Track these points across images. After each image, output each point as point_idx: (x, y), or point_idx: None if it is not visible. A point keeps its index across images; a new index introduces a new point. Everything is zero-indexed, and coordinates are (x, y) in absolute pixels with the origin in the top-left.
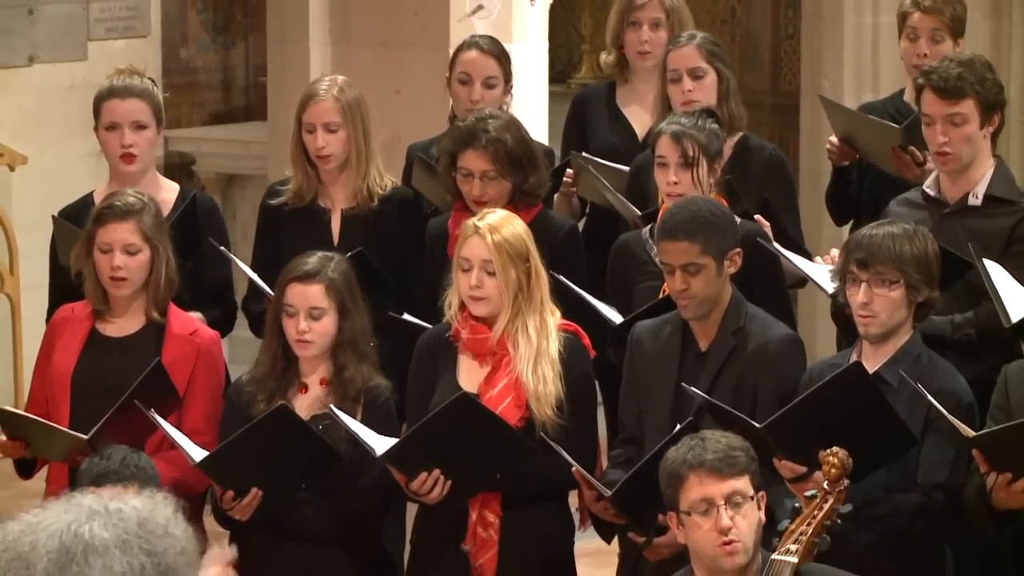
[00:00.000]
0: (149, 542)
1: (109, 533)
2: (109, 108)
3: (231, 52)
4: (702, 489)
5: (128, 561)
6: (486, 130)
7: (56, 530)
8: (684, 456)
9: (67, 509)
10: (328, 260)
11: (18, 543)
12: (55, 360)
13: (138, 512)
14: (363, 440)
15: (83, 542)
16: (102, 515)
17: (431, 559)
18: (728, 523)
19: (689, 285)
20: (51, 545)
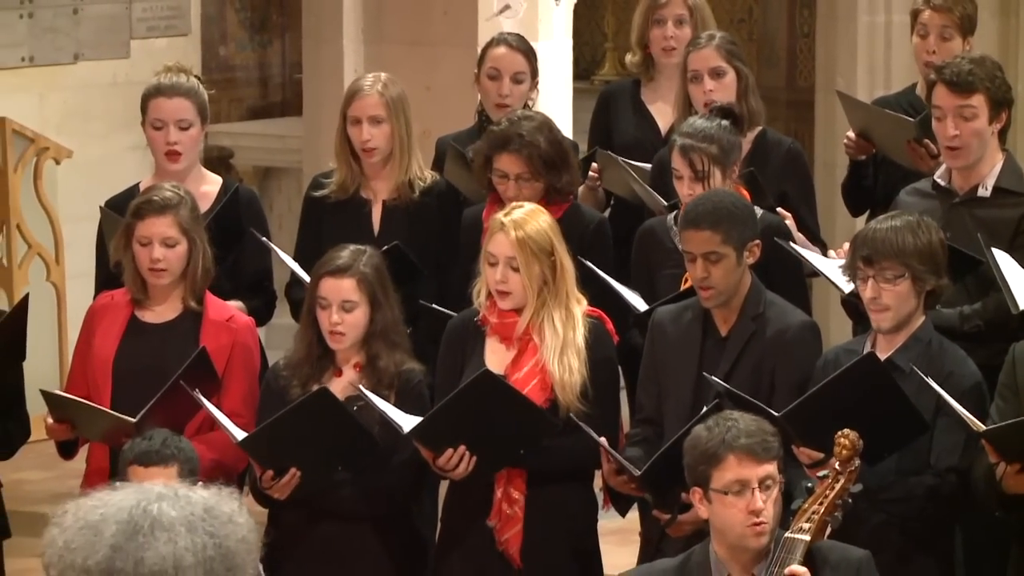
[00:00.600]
0: (213, 526)
1: (176, 512)
2: (156, 106)
3: (268, 50)
4: (739, 471)
5: (192, 539)
6: (520, 134)
7: (126, 505)
8: (722, 436)
9: (138, 490)
10: (360, 254)
11: (90, 514)
12: (96, 346)
13: (205, 500)
14: (391, 418)
15: (151, 517)
16: (171, 498)
17: (458, 535)
18: (761, 505)
19: (710, 274)
20: (120, 517)
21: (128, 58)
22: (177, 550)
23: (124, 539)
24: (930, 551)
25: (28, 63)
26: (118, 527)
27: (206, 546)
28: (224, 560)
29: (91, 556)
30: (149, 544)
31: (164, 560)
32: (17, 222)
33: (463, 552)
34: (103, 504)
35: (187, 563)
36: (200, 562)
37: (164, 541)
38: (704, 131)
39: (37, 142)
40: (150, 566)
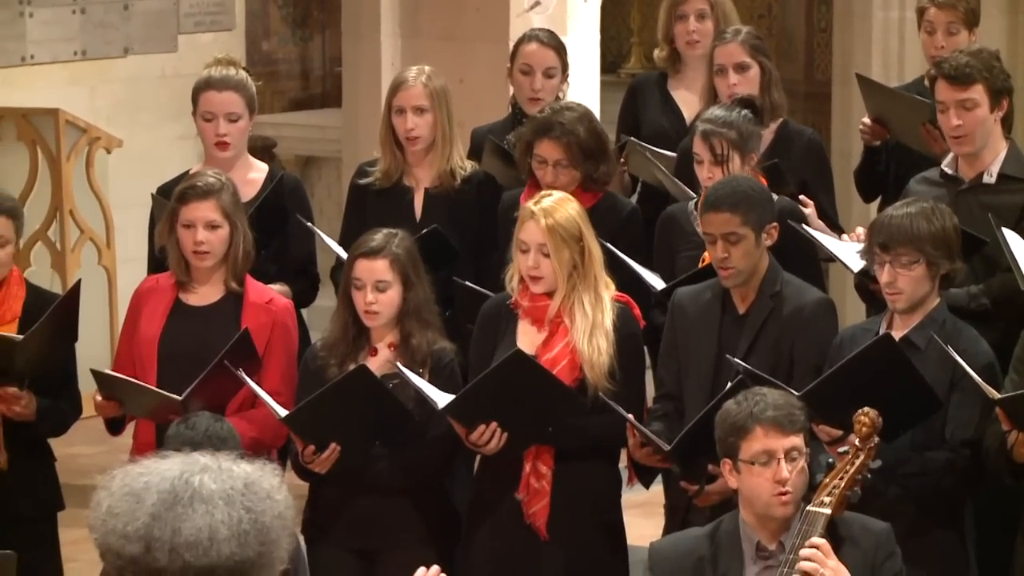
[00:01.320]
0: (251, 500)
1: (217, 485)
2: (206, 99)
3: (309, 45)
4: (766, 442)
5: (229, 512)
6: (561, 122)
7: (170, 475)
8: (750, 409)
9: (183, 460)
10: (392, 236)
11: (135, 481)
12: (142, 327)
13: (247, 475)
14: (426, 395)
15: (192, 488)
16: (214, 470)
17: (488, 508)
18: (787, 475)
19: (729, 254)
20: (162, 487)
21: (175, 52)
22: (213, 522)
23: (164, 508)
24: (944, 524)
25: (80, 57)
26: (159, 496)
27: (242, 520)
28: (259, 535)
29: (131, 523)
30: (187, 515)
31: (200, 531)
32: (70, 208)
33: (492, 524)
34: (149, 472)
35: (221, 536)
36: (234, 535)
37: (201, 513)
38: (724, 118)
39: (89, 132)
40: (186, 536)
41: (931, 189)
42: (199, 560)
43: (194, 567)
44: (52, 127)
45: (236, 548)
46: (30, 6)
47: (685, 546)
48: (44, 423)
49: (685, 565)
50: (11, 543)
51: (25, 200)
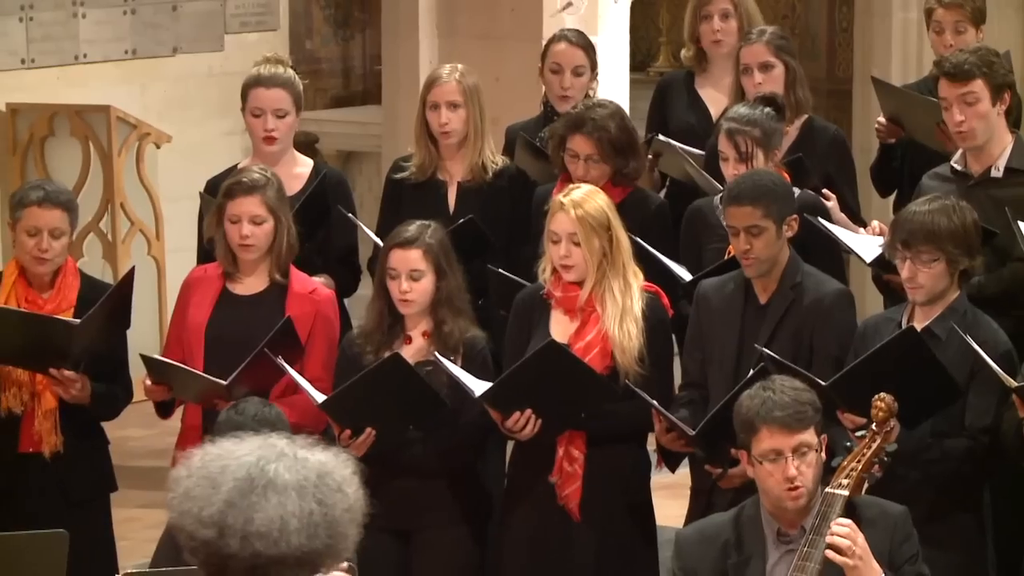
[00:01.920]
0: (323, 492)
1: (291, 476)
2: (255, 95)
3: (350, 44)
4: (772, 442)
5: (300, 504)
6: (593, 118)
7: (247, 462)
8: (757, 409)
9: (261, 446)
10: (425, 228)
11: (212, 465)
12: (190, 315)
13: (320, 464)
14: (464, 383)
15: (267, 478)
16: (289, 458)
17: (523, 490)
18: (794, 473)
19: (752, 246)
20: (239, 474)
21: (222, 51)
22: (285, 514)
23: (238, 496)
24: (963, 507)
25: (131, 56)
26: (235, 484)
27: (312, 512)
28: (328, 527)
29: (206, 508)
30: (260, 505)
31: (271, 522)
32: (121, 201)
33: (527, 506)
34: (227, 456)
35: (292, 527)
36: (304, 527)
37: (274, 504)
38: (748, 116)
39: (139, 128)
40: (258, 526)
41: (942, 184)
42: (268, 550)
43: (264, 556)
44: (104, 123)
45: (305, 540)
46: (83, 7)
47: (710, 532)
48: (98, 407)
49: (711, 550)
50: (65, 523)
51: (78, 193)
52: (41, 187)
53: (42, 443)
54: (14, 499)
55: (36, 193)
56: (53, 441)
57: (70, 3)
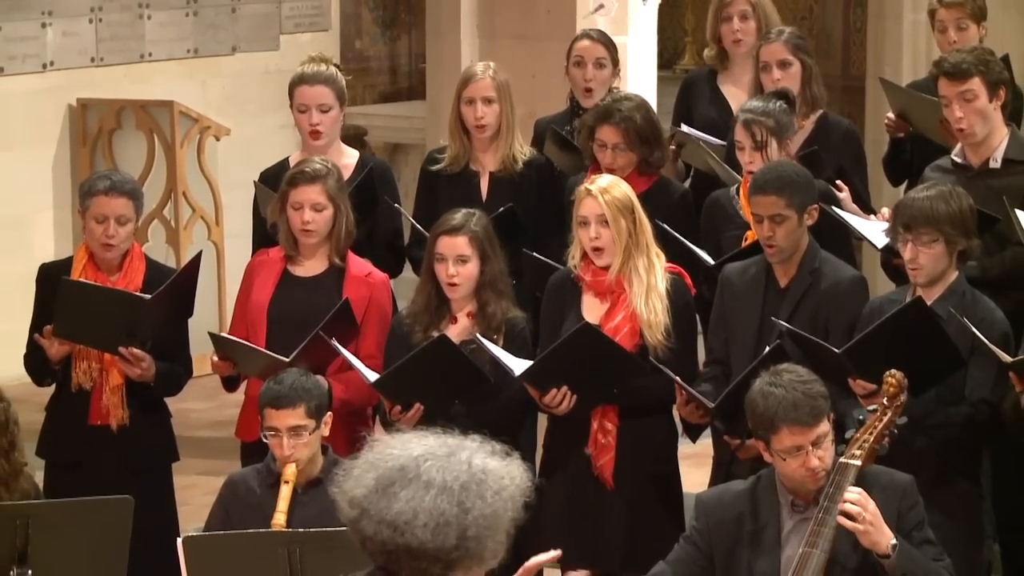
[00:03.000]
0: (465, 497)
1: (440, 476)
2: (300, 92)
3: (397, 43)
4: (793, 440)
5: (436, 503)
6: (620, 109)
7: (411, 455)
8: (775, 409)
9: (439, 444)
10: (471, 216)
11: (381, 452)
12: (254, 295)
13: (483, 473)
14: (504, 363)
15: (416, 472)
16: (454, 461)
17: (560, 461)
18: (816, 463)
19: (774, 233)
20: (395, 464)
21: (278, 50)
22: (417, 508)
23: (385, 484)
24: (964, 473)
25: (193, 55)
26: (388, 472)
27: (444, 512)
28: (459, 529)
29: (356, 490)
30: (398, 496)
31: (400, 514)
32: (183, 190)
33: (564, 475)
34: (400, 446)
35: (418, 523)
36: (431, 525)
37: (408, 498)
38: (762, 108)
39: (200, 122)
40: (390, 515)
41: (943, 176)
42: (393, 540)
43: (390, 543)
44: (168, 117)
45: (430, 536)
46: (148, 9)
47: (728, 500)
48: (161, 385)
49: (727, 517)
50: (131, 490)
51: (143, 183)
52: (108, 177)
53: (110, 416)
54: (84, 469)
55: (103, 183)
56: (120, 414)
57: (136, 5)
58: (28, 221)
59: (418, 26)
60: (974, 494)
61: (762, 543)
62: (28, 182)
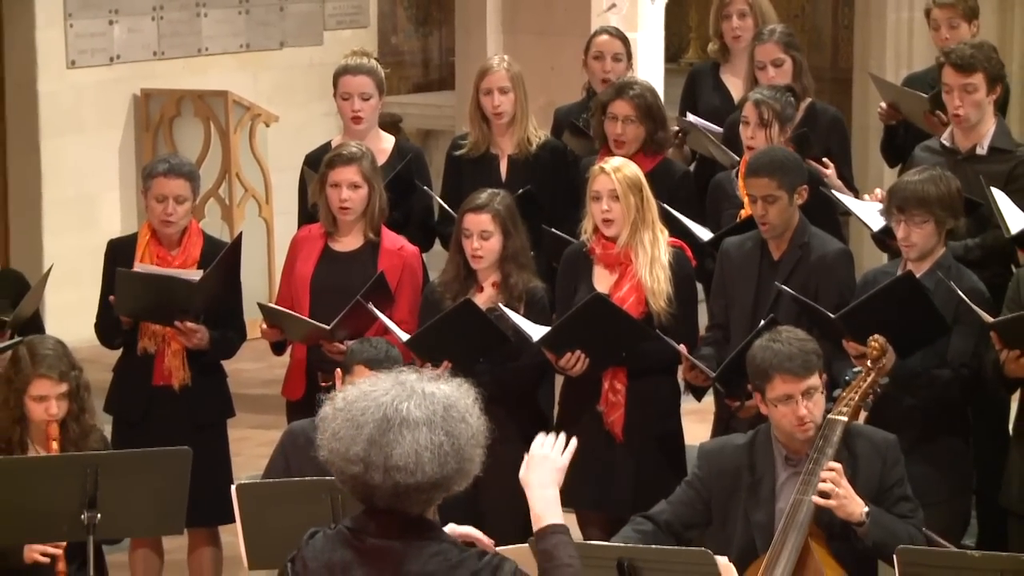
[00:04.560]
0: (450, 424)
1: (421, 412)
2: (344, 82)
3: (429, 39)
4: (785, 388)
5: (431, 437)
6: (632, 87)
7: (383, 403)
8: (770, 360)
9: (394, 385)
10: (495, 195)
11: (353, 408)
12: (297, 269)
13: (446, 398)
14: (523, 330)
15: (401, 416)
16: (419, 396)
17: (573, 417)
18: (804, 412)
19: (767, 212)
20: (376, 415)
21: (321, 45)
22: (419, 448)
23: (378, 435)
24: (948, 429)
25: (245, 49)
26: (375, 424)
27: (442, 443)
28: (455, 455)
29: (352, 447)
30: (397, 442)
31: (407, 456)
32: (236, 172)
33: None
34: (366, 398)
35: (425, 459)
36: (435, 457)
37: (409, 440)
38: (773, 94)
39: (252, 110)
40: (396, 459)
41: (932, 157)
42: (407, 480)
43: (403, 485)
44: (222, 106)
45: (437, 468)
46: (205, 7)
47: (728, 452)
48: (216, 350)
49: (726, 467)
50: (190, 443)
51: (200, 165)
52: (167, 160)
53: (172, 377)
54: (148, 424)
55: (162, 165)
56: (181, 375)
57: (194, 4)
58: (97, 199)
59: (448, 23)
60: (959, 448)
61: (759, 495)
62: (97, 164)
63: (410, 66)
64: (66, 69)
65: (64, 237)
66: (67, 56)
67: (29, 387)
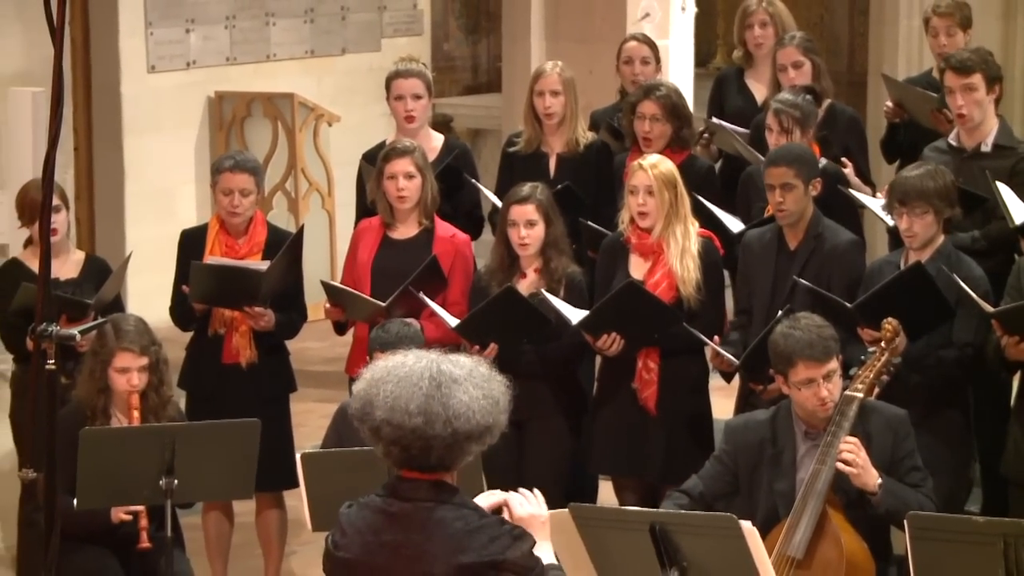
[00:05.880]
0: (484, 382)
1: (459, 372)
2: (396, 85)
3: (478, 45)
4: (807, 373)
5: (472, 393)
6: (659, 88)
7: (424, 367)
8: (792, 347)
9: (420, 357)
10: (536, 187)
11: (399, 371)
12: (359, 255)
13: (470, 363)
14: (563, 314)
15: (446, 375)
16: (448, 362)
17: (610, 393)
18: (825, 394)
19: (784, 199)
20: (426, 375)
21: (379, 51)
22: (470, 399)
23: (434, 389)
24: (951, 404)
25: (310, 55)
26: (429, 381)
27: (485, 396)
28: (494, 406)
29: (412, 402)
30: (452, 393)
31: (463, 404)
32: (301, 167)
33: (613, 406)
34: (404, 366)
35: (477, 407)
36: (483, 407)
37: (460, 392)
38: (792, 100)
39: (315, 110)
40: (454, 408)
41: (940, 156)
42: (464, 427)
43: (460, 432)
44: (289, 107)
45: (484, 417)
46: (274, 17)
47: (752, 427)
48: (281, 332)
49: (751, 441)
50: (258, 415)
51: (268, 161)
52: (233, 157)
53: (240, 356)
54: (218, 399)
55: (228, 161)
56: (248, 354)
57: (264, 14)
58: (174, 192)
59: (495, 31)
60: (961, 423)
61: (780, 465)
62: (174, 160)
63: (461, 70)
64: (147, 74)
65: (144, 227)
66: (147, 62)
67: (113, 359)
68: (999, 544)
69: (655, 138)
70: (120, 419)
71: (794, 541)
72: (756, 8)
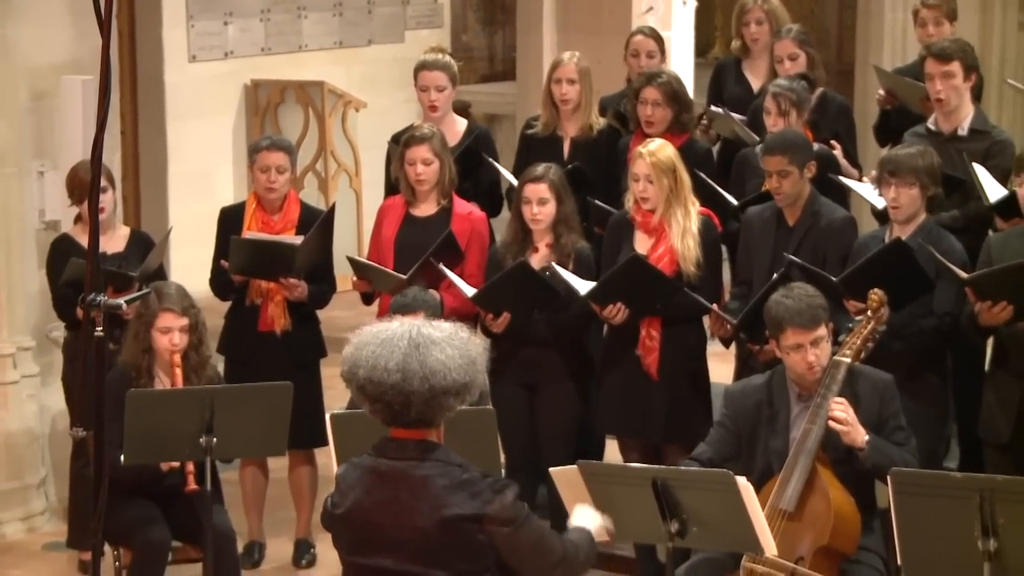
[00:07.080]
0: (462, 343)
1: (439, 334)
2: (422, 76)
3: (494, 37)
4: (796, 338)
5: (448, 353)
6: (660, 75)
7: (403, 331)
8: (783, 313)
9: (402, 323)
10: (549, 167)
11: (381, 335)
12: (383, 232)
13: (450, 329)
14: (572, 285)
15: (424, 336)
16: (430, 327)
17: (615, 359)
18: (813, 359)
19: (781, 184)
20: (405, 337)
21: (403, 42)
22: (446, 357)
23: (412, 349)
24: (931, 369)
25: (339, 46)
26: (408, 341)
27: (460, 355)
28: (470, 366)
29: (390, 360)
30: (428, 352)
31: (439, 362)
32: (331, 150)
33: (618, 371)
34: (387, 330)
35: (452, 366)
36: (459, 366)
37: (437, 351)
38: (788, 85)
39: (344, 97)
40: (431, 365)
41: (919, 140)
42: (440, 383)
43: (436, 388)
44: (319, 94)
45: (460, 374)
46: (305, 10)
47: (749, 391)
48: (312, 302)
49: (749, 405)
50: (290, 378)
51: (300, 144)
52: (269, 137)
53: (274, 323)
54: (254, 364)
55: (265, 141)
56: (283, 322)
57: (296, 7)
58: (213, 172)
59: (510, 23)
60: (940, 386)
61: (775, 425)
62: (213, 143)
63: (478, 60)
64: (188, 63)
65: (186, 205)
66: (189, 52)
67: (156, 320)
68: (975, 498)
69: (657, 122)
70: (163, 379)
71: (786, 495)
72: (752, 6)
